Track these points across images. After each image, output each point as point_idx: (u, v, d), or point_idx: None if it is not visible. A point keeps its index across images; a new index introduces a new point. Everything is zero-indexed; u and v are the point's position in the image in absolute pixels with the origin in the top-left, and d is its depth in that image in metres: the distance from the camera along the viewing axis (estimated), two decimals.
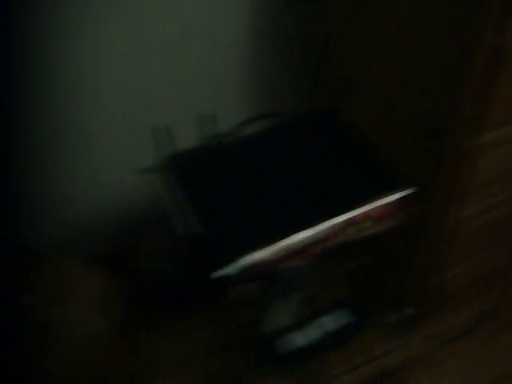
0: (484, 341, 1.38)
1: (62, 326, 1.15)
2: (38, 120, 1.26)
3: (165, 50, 1.27)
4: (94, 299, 1.22)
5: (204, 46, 1.32)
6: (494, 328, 1.41)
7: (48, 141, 1.30)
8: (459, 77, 0.92)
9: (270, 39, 1.38)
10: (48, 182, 1.37)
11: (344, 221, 0.83)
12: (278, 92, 1.49)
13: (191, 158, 0.97)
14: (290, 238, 0.80)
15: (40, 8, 1.10)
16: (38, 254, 1.23)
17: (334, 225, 0.83)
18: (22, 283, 1.16)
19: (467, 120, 0.96)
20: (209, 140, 1.00)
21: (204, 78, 1.37)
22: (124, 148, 1.39)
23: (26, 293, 1.15)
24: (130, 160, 1.38)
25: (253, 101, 1.46)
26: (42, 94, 1.22)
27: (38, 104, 1.23)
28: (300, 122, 1.03)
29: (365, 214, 0.84)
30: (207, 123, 0.99)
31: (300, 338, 1.12)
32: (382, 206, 0.85)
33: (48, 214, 1.42)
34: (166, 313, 1.40)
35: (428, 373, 1.31)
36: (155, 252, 1.39)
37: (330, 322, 1.13)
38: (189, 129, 1.10)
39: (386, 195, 0.86)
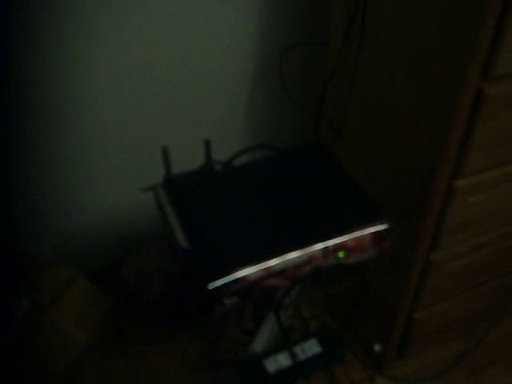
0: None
1: (44, 331, 1.17)
2: (41, 132, 1.30)
3: (176, 82, 1.35)
4: (74, 310, 1.24)
5: (211, 80, 1.39)
6: (468, 371, 1.44)
7: (53, 154, 1.34)
8: (443, 123, 0.97)
9: (271, 78, 1.45)
10: (51, 197, 1.41)
11: (318, 249, 0.87)
12: (276, 127, 1.55)
13: (187, 180, 1.01)
14: (270, 260, 0.85)
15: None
16: (35, 261, 1.27)
17: (310, 251, 0.86)
18: (18, 287, 1.19)
19: (449, 162, 1.01)
20: (207, 165, 1.04)
21: (209, 109, 1.44)
22: (127, 166, 1.44)
23: (22, 296, 1.17)
24: (135, 178, 1.43)
25: (251, 133, 1.52)
26: (48, 104, 1.26)
27: (44, 114, 1.27)
28: (291, 154, 1.08)
29: (338, 244, 0.88)
30: (210, 149, 1.04)
31: (270, 365, 1.14)
32: (355, 238, 0.89)
33: (49, 226, 1.46)
34: (151, 329, 1.41)
35: None
36: (141, 269, 1.40)
37: (299, 352, 1.15)
38: (193, 153, 1.15)
39: (361, 228, 0.90)
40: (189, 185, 0.99)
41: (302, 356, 1.15)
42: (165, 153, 0.97)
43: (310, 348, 1.16)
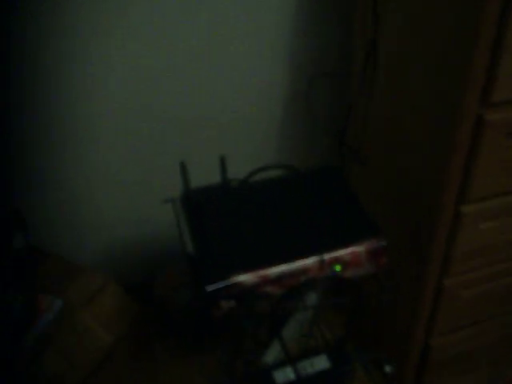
0: None
1: (72, 331, 1.26)
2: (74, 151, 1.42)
3: (196, 98, 1.44)
4: (104, 313, 1.33)
5: (242, 101, 1.49)
6: None
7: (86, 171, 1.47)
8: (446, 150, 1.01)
9: (297, 105, 1.53)
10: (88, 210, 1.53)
11: (313, 260, 0.92)
12: (298, 149, 1.63)
13: (203, 194, 1.10)
14: (266, 268, 0.92)
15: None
16: (71, 265, 1.38)
17: (304, 262, 0.92)
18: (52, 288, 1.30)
19: (454, 187, 1.05)
20: (223, 180, 1.12)
21: (235, 128, 1.53)
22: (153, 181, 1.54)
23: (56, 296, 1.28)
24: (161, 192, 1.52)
25: (272, 155, 1.60)
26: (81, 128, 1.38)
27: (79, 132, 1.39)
28: (306, 175, 1.14)
29: (333, 256, 0.93)
30: (225, 166, 1.12)
31: (278, 377, 1.18)
32: (350, 252, 0.94)
33: (88, 235, 1.58)
34: (173, 341, 1.47)
35: None
36: (171, 284, 1.48)
37: (308, 366, 1.19)
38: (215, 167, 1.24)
39: (356, 243, 0.94)
40: (203, 198, 1.08)
41: (309, 370, 1.18)
42: (182, 168, 1.06)
43: (319, 363, 1.20)
